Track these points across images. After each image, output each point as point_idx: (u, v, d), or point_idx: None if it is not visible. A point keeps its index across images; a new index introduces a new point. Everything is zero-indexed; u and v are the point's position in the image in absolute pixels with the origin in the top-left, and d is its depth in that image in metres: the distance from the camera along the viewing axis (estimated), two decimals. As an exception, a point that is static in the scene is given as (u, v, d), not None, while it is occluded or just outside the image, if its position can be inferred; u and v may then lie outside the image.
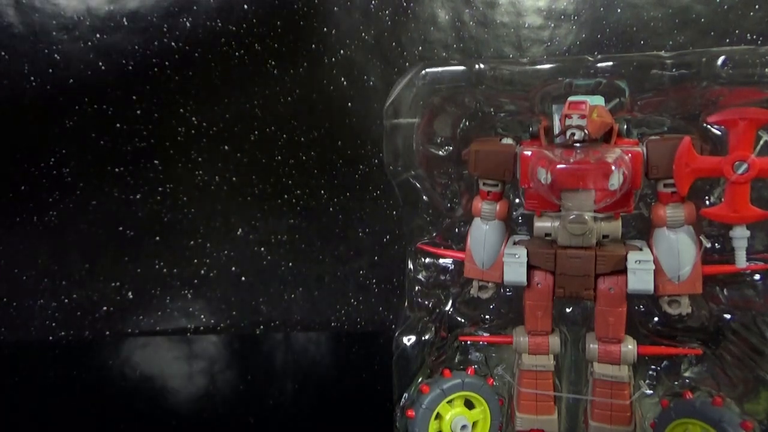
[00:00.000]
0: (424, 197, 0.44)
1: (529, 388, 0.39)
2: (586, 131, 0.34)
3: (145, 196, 0.64)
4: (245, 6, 0.70)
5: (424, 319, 0.43)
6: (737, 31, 0.75)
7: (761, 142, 0.33)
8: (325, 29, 0.70)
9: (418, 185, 0.43)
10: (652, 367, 0.39)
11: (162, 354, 0.64)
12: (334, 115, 0.61)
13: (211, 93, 0.61)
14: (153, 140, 0.62)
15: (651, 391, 0.38)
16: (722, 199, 0.35)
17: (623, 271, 0.36)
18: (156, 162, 0.62)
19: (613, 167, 0.34)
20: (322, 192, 0.62)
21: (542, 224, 0.38)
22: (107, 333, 0.73)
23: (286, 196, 0.62)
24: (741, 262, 0.35)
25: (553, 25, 0.74)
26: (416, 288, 0.44)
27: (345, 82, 0.61)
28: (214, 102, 0.61)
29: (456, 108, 0.43)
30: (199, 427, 0.54)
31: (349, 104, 0.61)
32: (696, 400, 0.36)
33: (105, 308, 0.73)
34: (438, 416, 0.40)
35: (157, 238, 0.65)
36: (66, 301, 0.72)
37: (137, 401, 0.56)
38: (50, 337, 0.72)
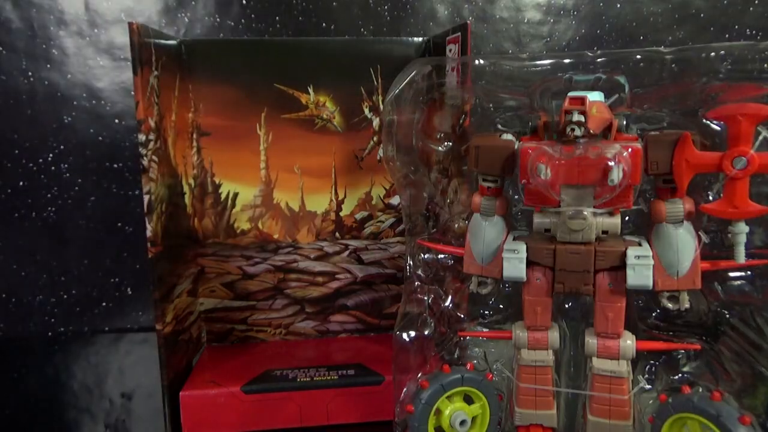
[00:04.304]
0: (424, 193, 0.44)
1: (528, 383, 0.39)
2: (585, 127, 0.34)
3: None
4: (243, 2, 0.69)
5: (423, 315, 0.43)
6: (737, 27, 0.75)
7: (760, 138, 0.33)
8: (324, 24, 0.70)
9: (417, 180, 0.43)
10: (651, 362, 0.39)
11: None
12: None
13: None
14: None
15: (649, 386, 0.38)
16: (721, 195, 0.35)
17: (622, 266, 0.36)
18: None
19: (612, 163, 0.34)
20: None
21: (541, 220, 0.38)
22: (106, 329, 0.73)
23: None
24: (740, 257, 0.35)
25: (552, 20, 0.74)
26: (415, 284, 0.44)
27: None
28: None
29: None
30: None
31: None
32: (694, 395, 0.36)
33: (104, 304, 0.73)
34: (437, 411, 0.40)
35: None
36: (65, 296, 0.72)
37: (137, 397, 0.56)
38: (49, 333, 0.72)
